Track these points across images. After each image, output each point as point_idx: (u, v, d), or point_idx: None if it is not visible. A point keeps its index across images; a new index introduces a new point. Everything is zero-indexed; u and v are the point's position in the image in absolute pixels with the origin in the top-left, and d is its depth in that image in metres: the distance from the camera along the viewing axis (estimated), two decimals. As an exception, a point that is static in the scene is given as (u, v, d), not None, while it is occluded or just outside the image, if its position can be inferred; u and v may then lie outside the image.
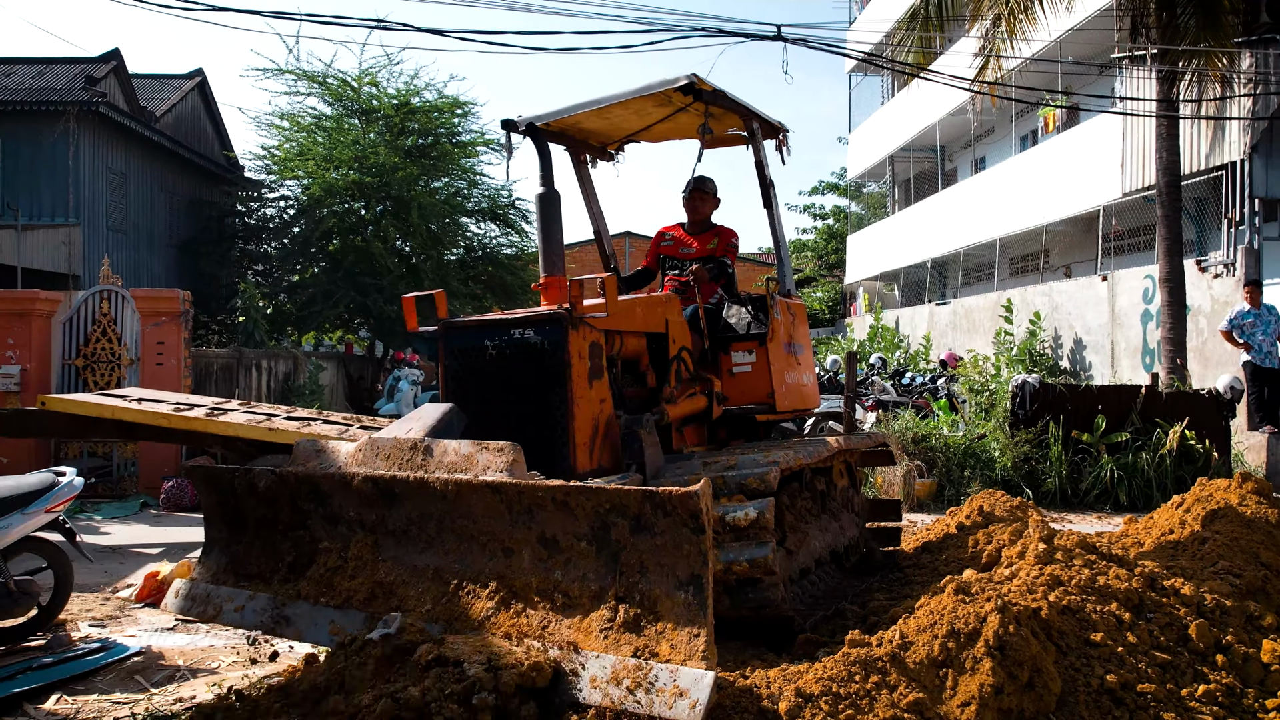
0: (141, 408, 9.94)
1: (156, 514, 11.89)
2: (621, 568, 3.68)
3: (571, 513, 3.78)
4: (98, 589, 7.78)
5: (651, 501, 3.57)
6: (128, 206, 20.29)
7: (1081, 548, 4.66)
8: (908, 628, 3.87)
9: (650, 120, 6.98)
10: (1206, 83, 14.75)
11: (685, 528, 3.50)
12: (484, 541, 4.07)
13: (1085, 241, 20.81)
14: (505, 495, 3.94)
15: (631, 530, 3.65)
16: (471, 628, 3.86)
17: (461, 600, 4.00)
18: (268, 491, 4.71)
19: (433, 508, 4.19)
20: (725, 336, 6.53)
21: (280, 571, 4.66)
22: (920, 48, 15.60)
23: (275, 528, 4.75)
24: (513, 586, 3.92)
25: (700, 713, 3.21)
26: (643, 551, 3.63)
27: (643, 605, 3.59)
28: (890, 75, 30.28)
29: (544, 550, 3.90)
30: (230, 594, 4.74)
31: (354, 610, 4.28)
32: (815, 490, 6.18)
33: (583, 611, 3.71)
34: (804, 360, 6.95)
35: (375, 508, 4.39)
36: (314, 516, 4.62)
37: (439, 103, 21.52)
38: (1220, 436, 12.23)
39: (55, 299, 13.16)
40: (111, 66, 19.87)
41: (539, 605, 3.82)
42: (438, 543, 4.20)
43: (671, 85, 5.98)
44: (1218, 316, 14.27)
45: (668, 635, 3.46)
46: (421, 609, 4.06)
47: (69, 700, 5.05)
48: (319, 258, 21.01)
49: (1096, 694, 3.75)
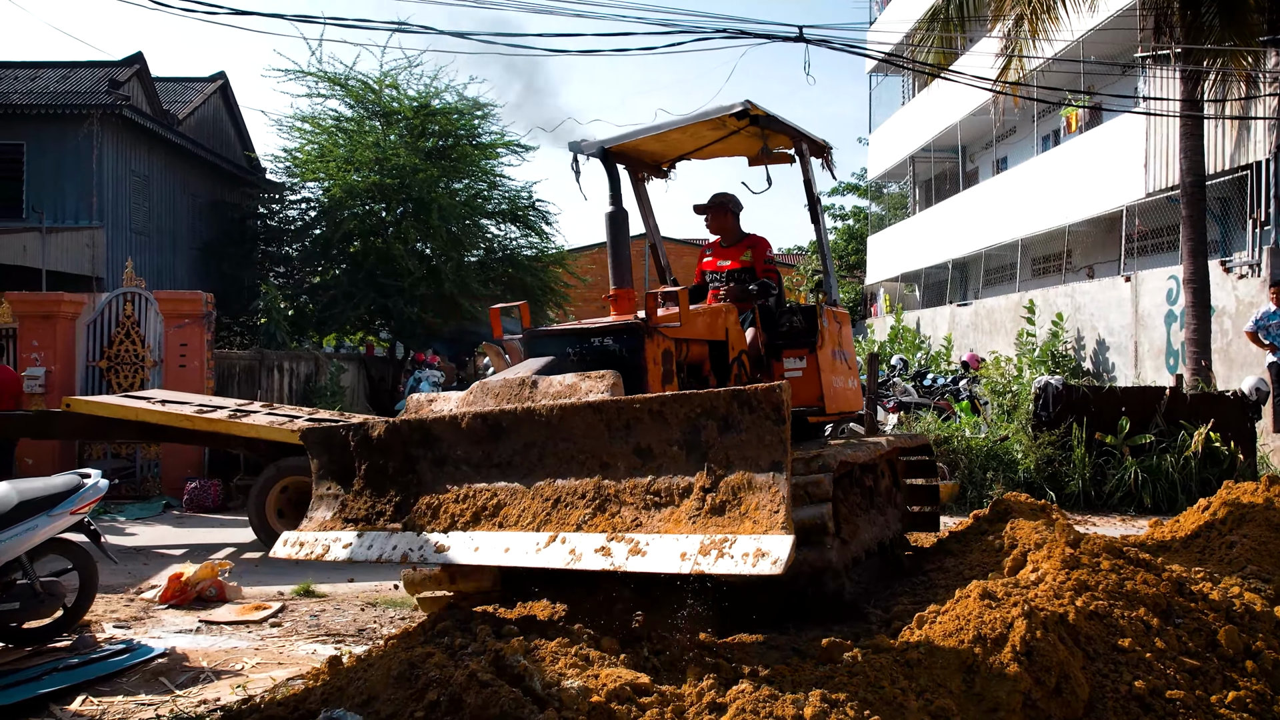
0: (165, 410, 10.01)
1: (179, 515, 11.95)
2: (710, 464, 4.06)
3: (665, 421, 4.18)
4: (122, 590, 7.83)
5: (739, 399, 3.98)
6: (151, 209, 20.41)
7: (1108, 552, 4.62)
8: (934, 632, 3.85)
9: (704, 142, 7.40)
10: (1231, 82, 14.62)
11: (769, 420, 3.90)
12: (583, 460, 4.42)
13: (1108, 242, 20.68)
14: (605, 413, 4.33)
15: (720, 430, 4.04)
16: (573, 524, 4.28)
17: (559, 512, 4.37)
18: (380, 441, 5.03)
19: (536, 435, 4.55)
20: (779, 344, 6.88)
21: (387, 513, 4.97)
22: (941, 48, 15.52)
23: (385, 474, 5.05)
24: (607, 494, 4.29)
25: (781, 567, 3.64)
26: (729, 447, 4.02)
27: (729, 494, 3.97)
28: (911, 75, 30.16)
29: (638, 460, 4.28)
30: (337, 535, 5.08)
31: (457, 532, 4.65)
32: (864, 486, 6.54)
33: (673, 505, 4.10)
34: (849, 366, 7.34)
35: (483, 444, 4.73)
36: (423, 461, 4.93)
37: (459, 104, 21.56)
38: (1245, 438, 12.12)
39: (79, 301, 13.25)
40: (134, 70, 19.99)
41: (631, 506, 4.21)
42: (539, 468, 4.55)
43: (727, 111, 6.40)
44: (1242, 317, 14.15)
45: (750, 515, 3.86)
46: (523, 524, 4.44)
47: (95, 701, 5.08)
48: (340, 259, 21.08)
49: (1125, 700, 3.72)
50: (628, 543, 4.10)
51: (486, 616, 4.67)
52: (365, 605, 7.42)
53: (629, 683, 3.76)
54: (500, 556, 4.45)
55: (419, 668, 3.78)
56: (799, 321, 6.96)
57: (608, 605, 5.51)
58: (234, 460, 12.58)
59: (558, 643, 4.34)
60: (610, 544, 4.14)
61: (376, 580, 8.32)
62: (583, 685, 3.65)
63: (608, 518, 4.24)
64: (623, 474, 4.32)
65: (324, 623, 6.87)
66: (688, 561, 3.89)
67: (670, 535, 4.01)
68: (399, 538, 4.84)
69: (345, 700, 3.87)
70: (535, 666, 3.83)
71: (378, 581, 8.27)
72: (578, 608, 5.55)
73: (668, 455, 4.21)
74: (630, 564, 4.04)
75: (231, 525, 11.07)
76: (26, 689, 5.21)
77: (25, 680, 5.37)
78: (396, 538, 4.85)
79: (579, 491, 4.39)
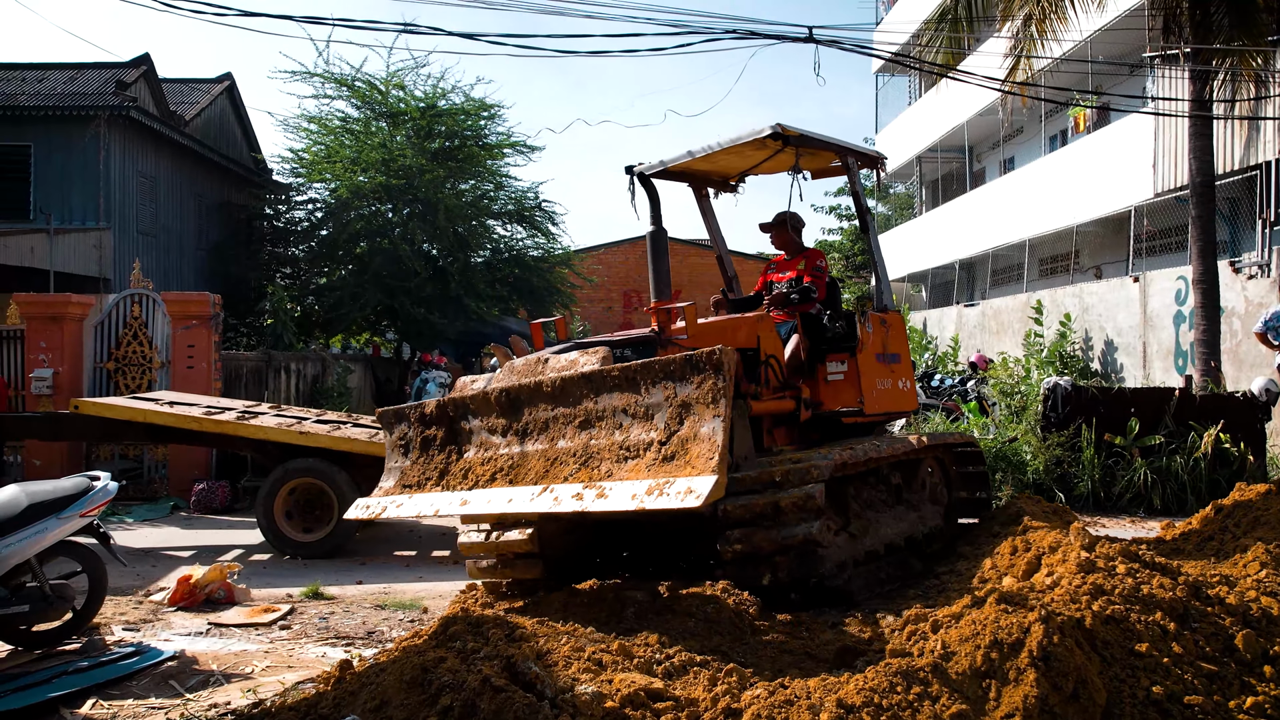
0: (173, 411, 10.01)
1: (187, 516, 11.94)
2: (667, 422, 4.85)
3: (636, 385, 5.02)
4: (130, 592, 7.82)
5: (689, 362, 4.79)
6: (158, 210, 20.41)
7: (1124, 555, 4.59)
8: (949, 637, 3.82)
9: (753, 161, 8.06)
10: (1240, 82, 14.56)
11: (712, 379, 4.68)
12: (577, 423, 5.28)
13: (1116, 242, 20.62)
14: (593, 380, 5.24)
15: (676, 390, 4.83)
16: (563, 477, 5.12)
17: (555, 468, 5.23)
18: (431, 416, 6.07)
19: (544, 405, 5.45)
20: (822, 348, 7.33)
21: (433, 479, 5.95)
22: (950, 48, 15.48)
23: (433, 445, 6.06)
24: (591, 451, 5.12)
25: (699, 500, 4.32)
26: (682, 406, 4.79)
27: (678, 445, 4.74)
28: (918, 76, 30.11)
29: (615, 420, 5.11)
30: (395, 499, 6.07)
31: (479, 489, 5.57)
32: (890, 483, 6.98)
33: (639, 457, 4.89)
34: (899, 368, 7.69)
35: (505, 415, 5.68)
36: (462, 432, 5.94)
37: (466, 105, 21.55)
38: (1255, 440, 12.06)
39: (87, 302, 13.25)
40: (142, 71, 19.99)
41: (608, 460, 5.02)
42: (545, 433, 5.43)
43: (759, 134, 6.99)
44: (1251, 318, 14.08)
45: (692, 463, 4.60)
46: (528, 479, 5.31)
47: (105, 705, 5.06)
48: (346, 260, 21.08)
49: (1143, 706, 3.69)
50: (596, 489, 4.87)
51: (498, 620, 4.66)
52: (374, 607, 7.40)
53: (643, 688, 3.74)
54: (505, 506, 5.28)
55: (431, 673, 3.76)
56: (841, 327, 7.31)
57: (619, 609, 5.49)
58: (241, 462, 12.57)
59: (570, 647, 4.32)
60: (584, 491, 4.91)
61: (385, 582, 8.30)
62: (597, 690, 3.64)
63: (589, 471, 5.04)
64: (605, 432, 5.14)
65: (333, 625, 6.86)
66: (636, 500, 4.60)
67: (629, 481, 4.77)
68: (437, 497, 5.77)
69: (357, 705, 3.86)
70: (548, 672, 3.81)
71: (386, 584, 8.25)
72: (588, 613, 5.53)
73: (638, 415, 5.01)
74: (594, 505, 4.81)
75: (239, 527, 11.06)
76: (37, 692, 5.20)
77: (35, 683, 5.35)
78: (435, 497, 5.79)
79: (572, 450, 5.23)
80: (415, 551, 9.89)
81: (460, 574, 8.68)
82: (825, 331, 7.35)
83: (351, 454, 9.56)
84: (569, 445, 5.25)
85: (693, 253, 40.81)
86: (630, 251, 40.25)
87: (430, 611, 7.17)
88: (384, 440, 6.48)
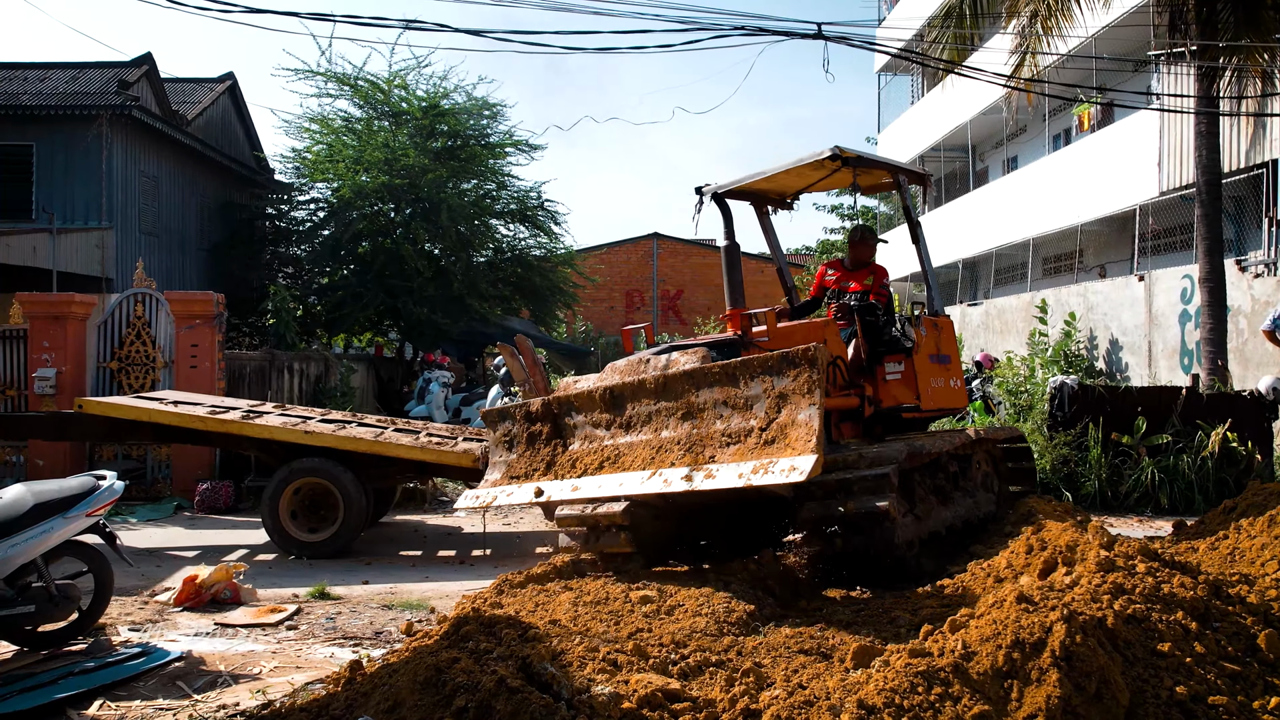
0: (178, 410, 9.96)
1: (191, 516, 11.90)
2: (766, 411, 5.54)
3: (735, 380, 5.75)
4: (135, 592, 7.77)
5: (786, 358, 5.52)
6: (160, 210, 20.37)
7: (1143, 554, 4.54)
8: (970, 637, 3.77)
9: (810, 180, 8.72)
10: (1247, 79, 14.51)
11: (806, 373, 5.39)
12: (680, 415, 6.00)
13: (1120, 241, 20.57)
14: (694, 376, 6.00)
15: (773, 383, 5.53)
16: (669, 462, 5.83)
17: (661, 455, 5.92)
18: (537, 413, 6.82)
19: (647, 399, 6.19)
20: (880, 350, 7.90)
21: (539, 469, 6.66)
22: (955, 44, 15.43)
23: (539, 439, 6.79)
24: (695, 439, 5.83)
25: (802, 476, 5.08)
26: (779, 396, 5.50)
27: (777, 431, 5.42)
28: (920, 75, 30.06)
29: (716, 411, 5.82)
30: (503, 489, 6.81)
31: (588, 476, 6.30)
32: (948, 472, 7.52)
33: (740, 443, 5.58)
34: (951, 368, 8.36)
35: (609, 410, 6.40)
36: (566, 427, 6.67)
37: (468, 104, 21.52)
38: (1262, 438, 12.01)
39: (90, 302, 13.21)
40: (144, 70, 19.95)
41: (711, 446, 5.73)
42: (649, 424, 6.16)
43: (819, 156, 7.67)
44: (1258, 317, 14.04)
45: (792, 445, 5.29)
46: (635, 465, 6.01)
47: (112, 706, 5.02)
48: (348, 260, 21.04)
49: (1166, 706, 3.64)
50: (704, 471, 5.59)
51: (511, 620, 4.61)
52: (381, 607, 7.36)
53: (660, 688, 3.70)
54: (617, 489, 6.04)
55: (445, 673, 3.72)
56: (897, 331, 7.92)
57: (627, 610, 5.44)
58: (245, 461, 12.51)
59: (584, 647, 4.28)
60: (692, 473, 5.63)
61: (391, 583, 8.26)
62: (613, 691, 3.59)
63: (694, 456, 5.75)
64: (706, 422, 5.84)
65: (340, 625, 6.81)
66: (743, 478, 5.34)
67: (734, 463, 5.48)
68: (546, 485, 6.50)
69: (370, 706, 3.81)
70: (563, 673, 3.76)
71: (392, 584, 8.21)
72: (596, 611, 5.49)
73: (738, 406, 5.72)
74: (703, 484, 5.56)
75: (244, 527, 11.02)
76: (43, 693, 5.15)
77: (42, 684, 5.31)
78: (543, 484, 6.52)
79: (676, 439, 5.93)
80: (421, 552, 9.85)
81: (466, 574, 8.65)
82: (882, 334, 7.92)
83: (357, 454, 9.51)
84: (673, 434, 5.97)
85: (695, 253, 40.89)
86: (632, 251, 40.26)
87: (438, 611, 7.12)
88: (487, 438, 7.44)
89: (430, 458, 9.67)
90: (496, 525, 11.30)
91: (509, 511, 12.19)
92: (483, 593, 6.62)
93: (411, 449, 9.57)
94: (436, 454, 9.63)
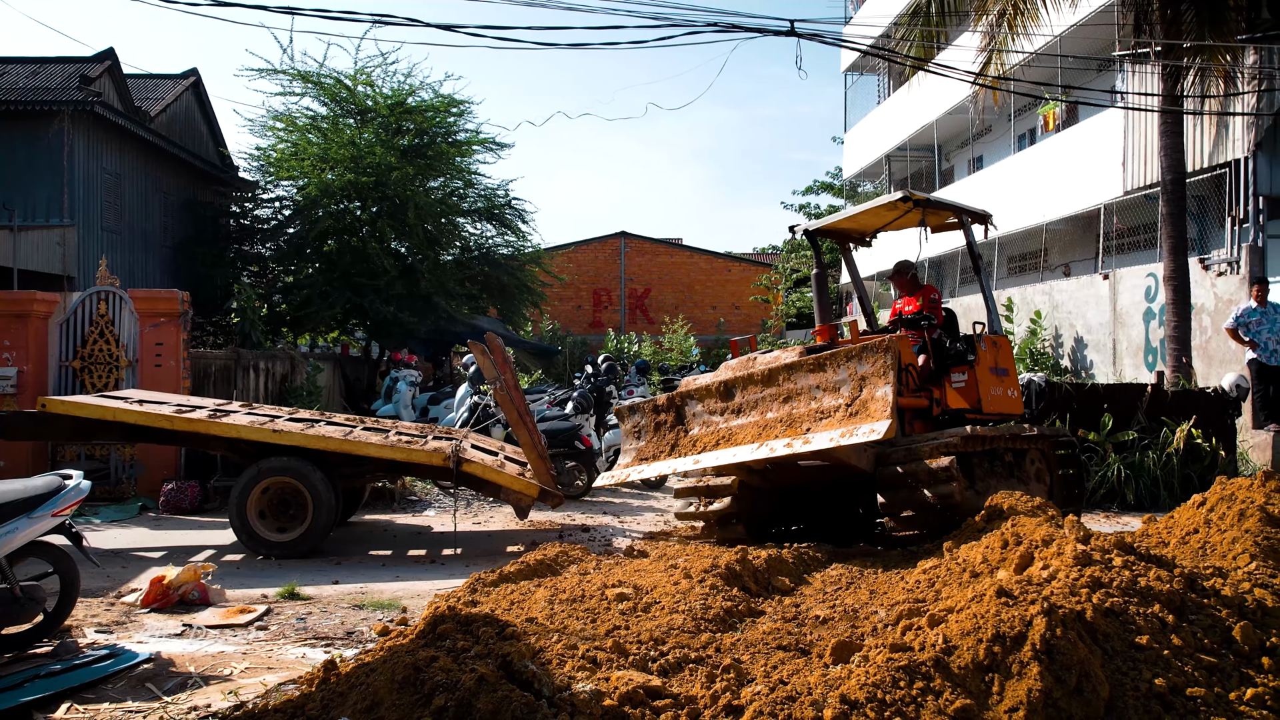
0: (144, 410, 9.83)
1: (156, 517, 11.75)
2: (850, 391, 7.20)
3: (824, 368, 7.43)
4: (101, 594, 7.66)
5: (867, 348, 7.19)
6: (122, 207, 20.10)
7: (1119, 548, 4.56)
8: (950, 631, 3.77)
9: (886, 220, 10.02)
10: (1210, 80, 14.68)
11: (883, 357, 7.08)
12: (780, 400, 7.68)
13: (1084, 240, 20.75)
14: (792, 367, 7.66)
15: (857, 369, 7.19)
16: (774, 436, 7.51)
17: (765, 433, 7.55)
18: (665, 405, 8.63)
19: (752, 388, 7.89)
20: (947, 362, 9.23)
21: (665, 451, 8.38)
22: (923, 42, 15.50)
23: (664, 428, 8.55)
24: (793, 417, 7.51)
25: (879, 435, 6.78)
26: (861, 379, 7.15)
27: (860, 406, 7.04)
28: (886, 75, 30.20)
29: (810, 394, 7.48)
30: (636, 468, 8.60)
31: (706, 452, 8.02)
32: (1004, 461, 8.76)
33: (830, 417, 7.23)
34: (1008, 380, 9.51)
35: (722, 400, 8.11)
36: (686, 416, 8.41)
37: (435, 102, 21.35)
38: (1226, 435, 12.17)
39: (52, 300, 13.00)
40: (106, 66, 19.66)
41: (806, 420, 7.37)
42: (755, 410, 7.85)
43: (892, 199, 9.16)
44: (1221, 315, 14.21)
45: (872, 415, 6.93)
46: (745, 441, 7.68)
47: (80, 709, 4.94)
48: (314, 258, 20.83)
49: (1145, 698, 3.65)
50: (802, 439, 7.21)
51: (488, 618, 4.56)
52: (352, 607, 7.29)
53: (641, 685, 3.67)
54: (730, 458, 7.73)
55: (424, 672, 3.68)
56: (962, 346, 9.24)
57: (604, 608, 5.41)
58: (211, 461, 12.36)
59: (562, 645, 4.25)
60: (792, 441, 7.26)
61: (362, 582, 8.19)
62: (595, 689, 3.56)
63: (793, 430, 7.37)
64: (803, 403, 7.48)
65: (311, 625, 6.74)
66: (832, 441, 6.96)
67: (825, 432, 7.09)
68: (671, 462, 8.21)
69: (347, 706, 3.76)
70: (544, 670, 3.73)
71: (363, 583, 8.14)
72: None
73: (827, 389, 7.35)
74: (801, 449, 7.17)
75: (210, 527, 10.89)
76: (8, 697, 5.05)
77: (7, 688, 5.20)
78: (669, 462, 8.23)
79: (778, 418, 7.56)
80: (391, 551, 9.78)
81: (438, 573, 8.59)
82: (948, 349, 9.23)
83: (326, 452, 9.42)
84: (775, 415, 7.59)
85: (663, 251, 40.92)
86: (600, 250, 40.24)
87: (410, 611, 7.07)
88: (621, 427, 9.10)
89: (400, 456, 9.60)
90: (467, 524, 11.24)
91: (479, 510, 12.15)
92: (456, 591, 6.58)
93: (381, 447, 9.49)
94: (406, 452, 9.56)
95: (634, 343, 32.86)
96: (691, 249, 41.58)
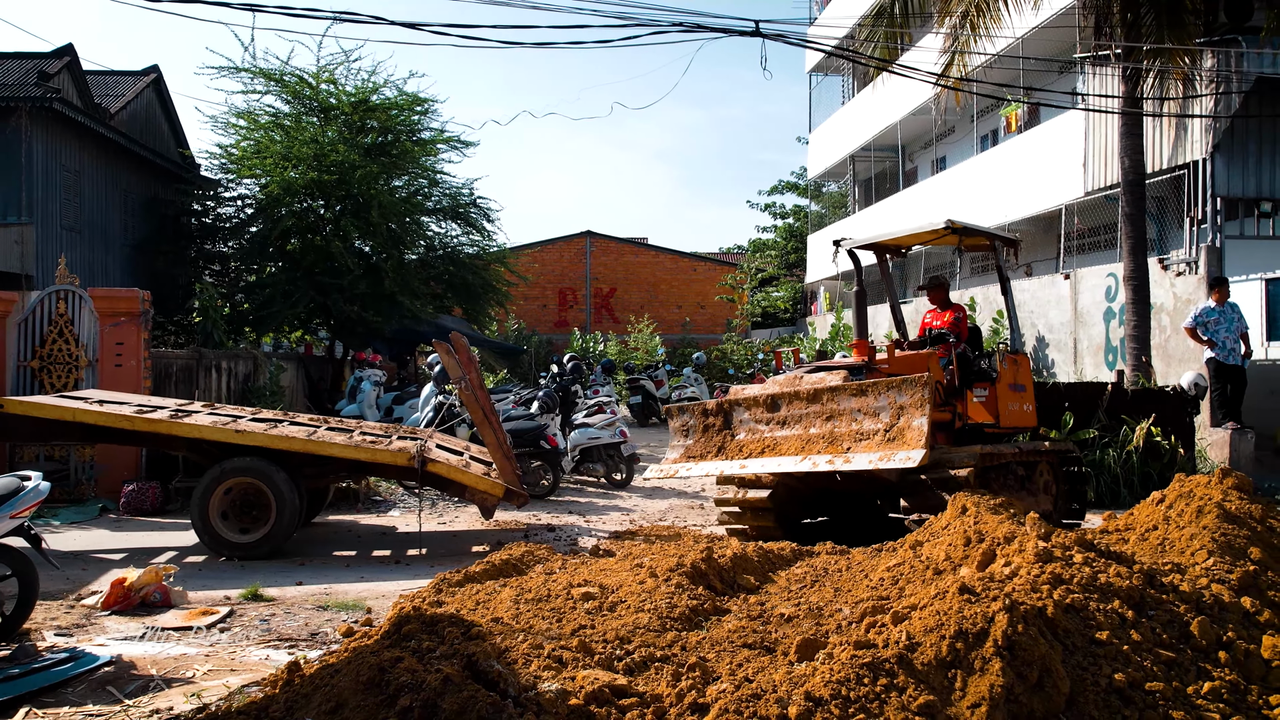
0: (104, 410, 9.72)
1: (117, 518, 11.63)
2: (890, 418, 7.76)
3: (866, 394, 8.03)
4: (61, 596, 7.57)
5: (906, 381, 7.74)
6: (82, 205, 19.86)
7: (1080, 545, 4.61)
8: (914, 628, 3.80)
9: (924, 240, 10.70)
10: (1169, 82, 14.85)
11: (919, 392, 7.63)
12: (823, 418, 8.25)
13: (1046, 240, 20.94)
14: (837, 391, 8.25)
15: (895, 398, 7.76)
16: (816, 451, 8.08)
17: (808, 447, 8.14)
18: (714, 409, 9.25)
19: (798, 404, 8.49)
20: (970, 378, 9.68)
21: (712, 452, 9.01)
22: (887, 43, 15.59)
23: (712, 430, 9.17)
24: (835, 435, 8.07)
25: (914, 463, 7.33)
26: (899, 407, 7.73)
27: (897, 433, 7.62)
28: (851, 76, 30.34)
29: (851, 416, 8.07)
30: (683, 465, 9.17)
31: (752, 459, 8.57)
32: (1017, 475, 9.22)
33: (869, 440, 7.78)
34: (1025, 395, 10.10)
35: (768, 411, 8.74)
36: (735, 422, 9.05)
37: (399, 100, 21.22)
38: (1185, 433, 12.32)
39: (10, 299, 12.82)
40: (65, 62, 19.40)
41: (847, 440, 7.94)
42: (799, 424, 8.45)
43: (935, 226, 9.85)
44: (1180, 314, 14.38)
45: (908, 443, 7.48)
46: (789, 452, 8.30)
47: (39, 713, 4.88)
48: (277, 257, 20.63)
49: (1105, 693, 3.70)
50: (843, 458, 7.78)
51: (453, 619, 4.55)
52: (316, 608, 7.25)
53: (607, 684, 3.68)
54: (774, 467, 8.33)
55: (389, 673, 3.66)
56: (985, 364, 9.83)
57: (569, 607, 5.41)
58: (173, 462, 12.24)
59: (528, 644, 4.24)
60: (834, 459, 7.83)
61: (326, 583, 8.14)
62: (561, 688, 3.56)
63: (834, 448, 7.94)
64: (844, 424, 8.07)
65: (275, 627, 6.70)
66: (872, 464, 7.60)
67: (865, 453, 7.68)
68: (718, 464, 8.81)
69: (311, 708, 3.74)
70: (509, 670, 3.73)
71: (327, 584, 8.09)
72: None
73: (868, 413, 7.93)
74: (842, 467, 7.79)
75: (172, 529, 10.80)
76: (-34, 701, 4.99)
77: (-36, 692, 5.14)
78: (716, 464, 8.83)
79: (821, 435, 8.14)
80: (355, 552, 9.73)
81: (402, 573, 8.55)
82: (972, 366, 9.74)
83: (290, 453, 9.36)
84: (818, 431, 8.19)
85: (628, 251, 40.91)
86: (565, 249, 40.17)
87: (375, 612, 7.04)
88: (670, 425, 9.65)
89: (364, 456, 9.55)
90: (432, 524, 11.20)
91: (444, 510, 12.11)
92: (421, 592, 6.55)
93: (346, 447, 9.44)
94: (370, 453, 9.51)
95: (599, 342, 32.81)
96: (657, 248, 41.59)
